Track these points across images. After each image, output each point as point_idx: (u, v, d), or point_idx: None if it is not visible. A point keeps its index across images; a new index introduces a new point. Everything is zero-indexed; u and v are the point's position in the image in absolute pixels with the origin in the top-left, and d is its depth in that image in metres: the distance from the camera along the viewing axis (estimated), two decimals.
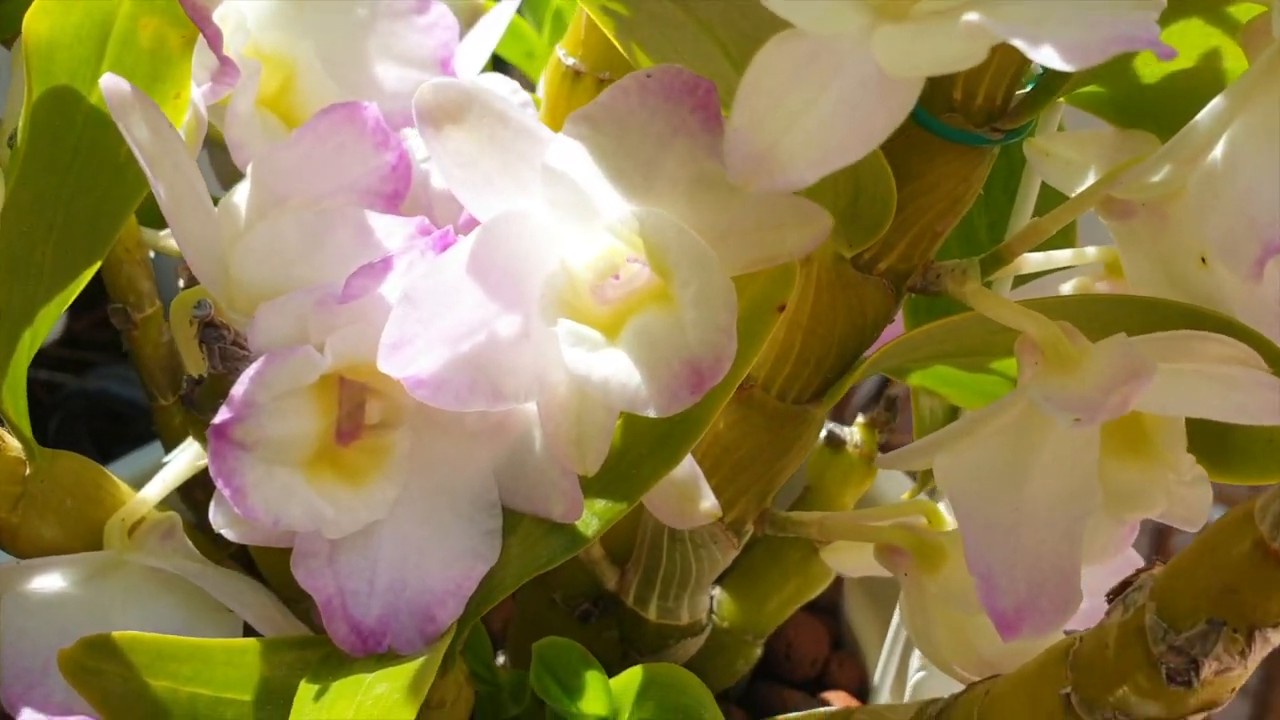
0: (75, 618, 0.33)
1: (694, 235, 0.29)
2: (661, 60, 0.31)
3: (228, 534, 0.31)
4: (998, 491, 0.30)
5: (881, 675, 0.49)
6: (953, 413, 0.42)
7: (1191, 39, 0.33)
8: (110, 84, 0.30)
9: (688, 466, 0.35)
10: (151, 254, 0.41)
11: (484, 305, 0.30)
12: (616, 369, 0.29)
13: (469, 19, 0.56)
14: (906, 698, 0.46)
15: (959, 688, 0.37)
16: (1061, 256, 0.36)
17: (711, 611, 0.44)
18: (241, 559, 0.42)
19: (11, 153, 0.32)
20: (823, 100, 0.23)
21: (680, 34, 0.30)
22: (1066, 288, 0.36)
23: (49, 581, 0.33)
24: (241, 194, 0.34)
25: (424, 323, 0.29)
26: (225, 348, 0.31)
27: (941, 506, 0.40)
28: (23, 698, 0.31)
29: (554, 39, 0.60)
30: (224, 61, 0.33)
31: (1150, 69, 0.34)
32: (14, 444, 0.34)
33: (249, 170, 0.33)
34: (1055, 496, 0.29)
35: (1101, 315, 0.32)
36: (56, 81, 0.32)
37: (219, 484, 0.30)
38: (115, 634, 0.30)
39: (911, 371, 0.38)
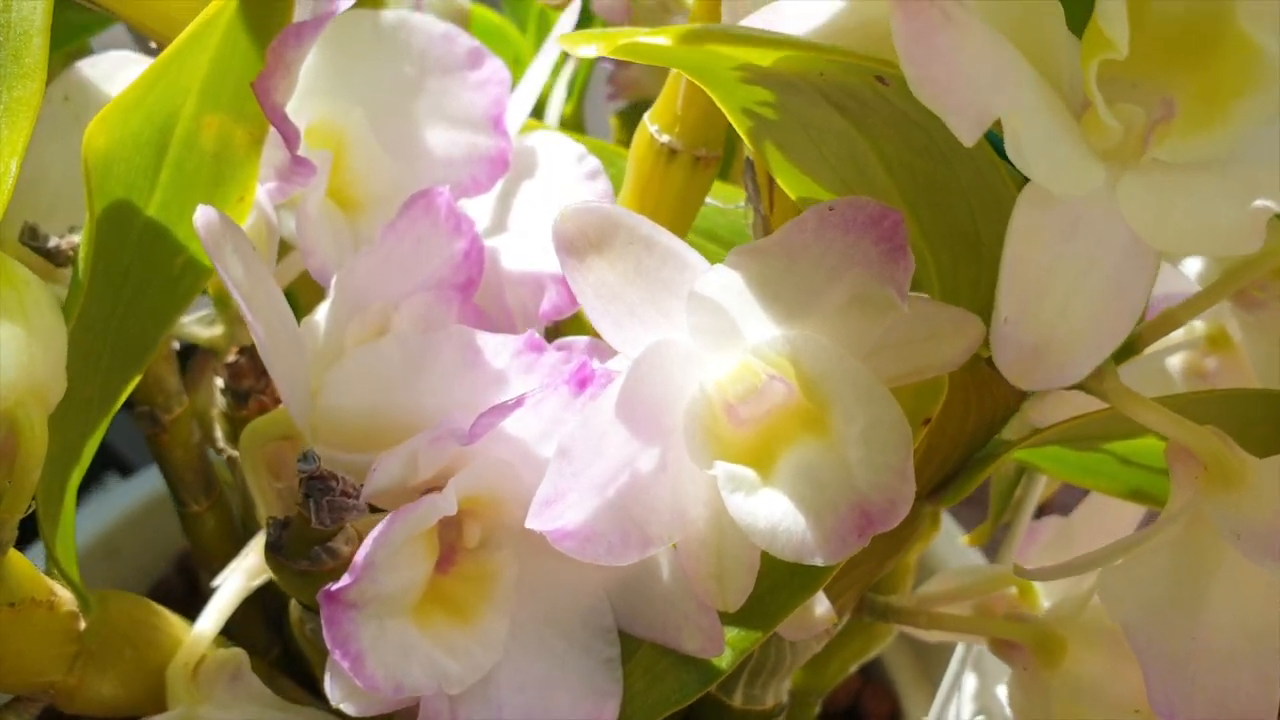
0: None
1: (857, 364, 0.27)
2: (800, 164, 0.29)
3: (347, 708, 0.28)
4: (1170, 619, 0.29)
5: (937, 716, 0.48)
6: (1020, 473, 0.41)
7: None
8: (203, 216, 0.26)
9: None
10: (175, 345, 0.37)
11: (628, 444, 0.27)
12: (781, 516, 0.27)
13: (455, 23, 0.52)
14: None
15: None
16: (1173, 335, 0.34)
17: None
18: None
19: (73, 284, 0.28)
20: (1090, 280, 0.21)
21: (834, 143, 0.27)
22: (1175, 363, 0.35)
23: None
24: (321, 312, 0.30)
25: (576, 475, 0.27)
26: (333, 500, 0.28)
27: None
28: None
29: (538, 40, 0.57)
30: (298, 162, 0.29)
31: None
32: (65, 597, 0.30)
33: (332, 284, 0.30)
34: (1238, 627, 0.28)
35: (1230, 412, 0.31)
36: (114, 197, 0.28)
37: (335, 654, 0.27)
38: None
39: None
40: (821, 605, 0.34)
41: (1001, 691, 0.46)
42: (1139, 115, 0.23)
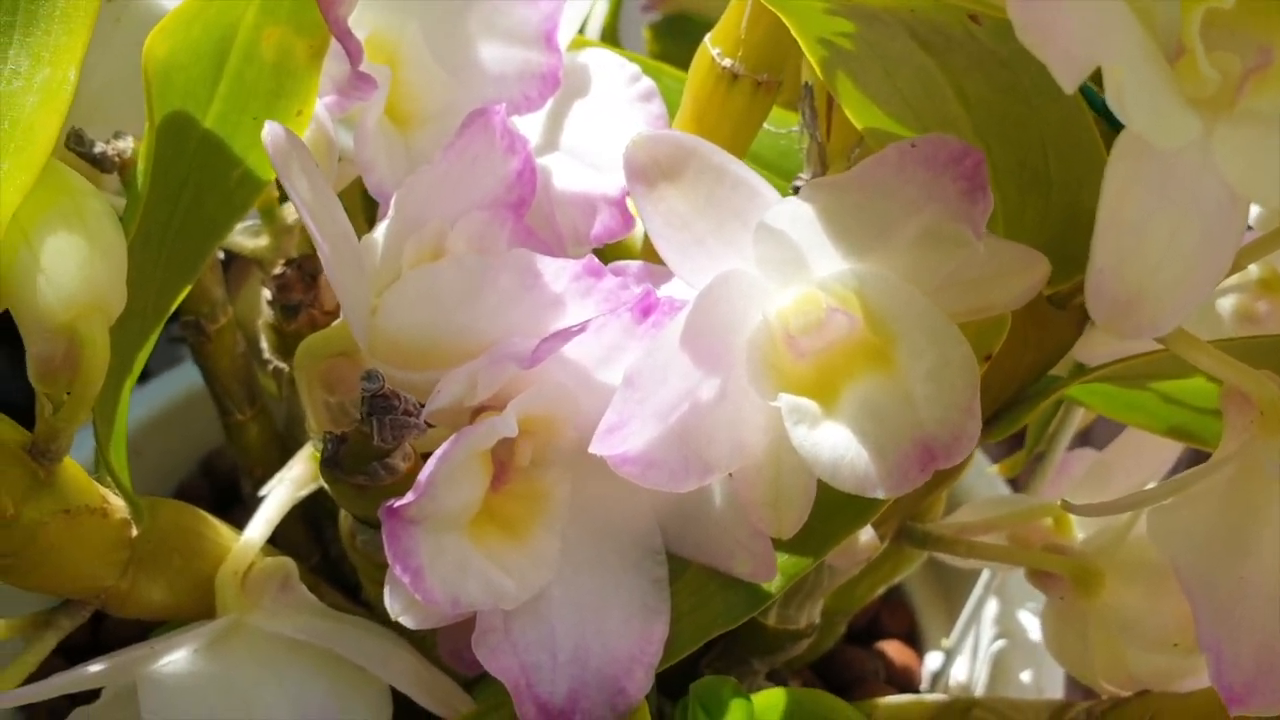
0: (214, 702, 0.30)
1: (925, 301, 0.27)
2: (872, 95, 0.28)
3: (405, 621, 0.28)
4: (1219, 559, 0.29)
5: (958, 639, 0.49)
6: (1057, 404, 0.41)
7: None
8: (271, 132, 0.25)
9: None
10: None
11: (691, 373, 0.27)
12: (845, 449, 0.27)
13: None
14: (983, 666, 0.47)
15: (1042, 662, 0.36)
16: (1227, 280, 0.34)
17: None
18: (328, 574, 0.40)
19: (130, 195, 0.27)
20: (1184, 232, 0.21)
21: (911, 76, 0.27)
22: (1226, 305, 0.35)
23: (180, 663, 0.30)
24: (380, 231, 0.30)
25: (641, 402, 0.27)
26: (396, 418, 0.28)
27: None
28: None
29: None
30: (359, 77, 0.28)
31: None
32: (118, 504, 0.31)
33: (391, 203, 0.29)
34: None
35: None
36: (172, 107, 0.28)
37: (396, 569, 0.28)
38: None
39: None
40: (866, 533, 0.34)
41: (1023, 616, 0.47)
42: (1235, 64, 0.22)
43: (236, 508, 0.53)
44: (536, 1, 0.35)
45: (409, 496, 0.27)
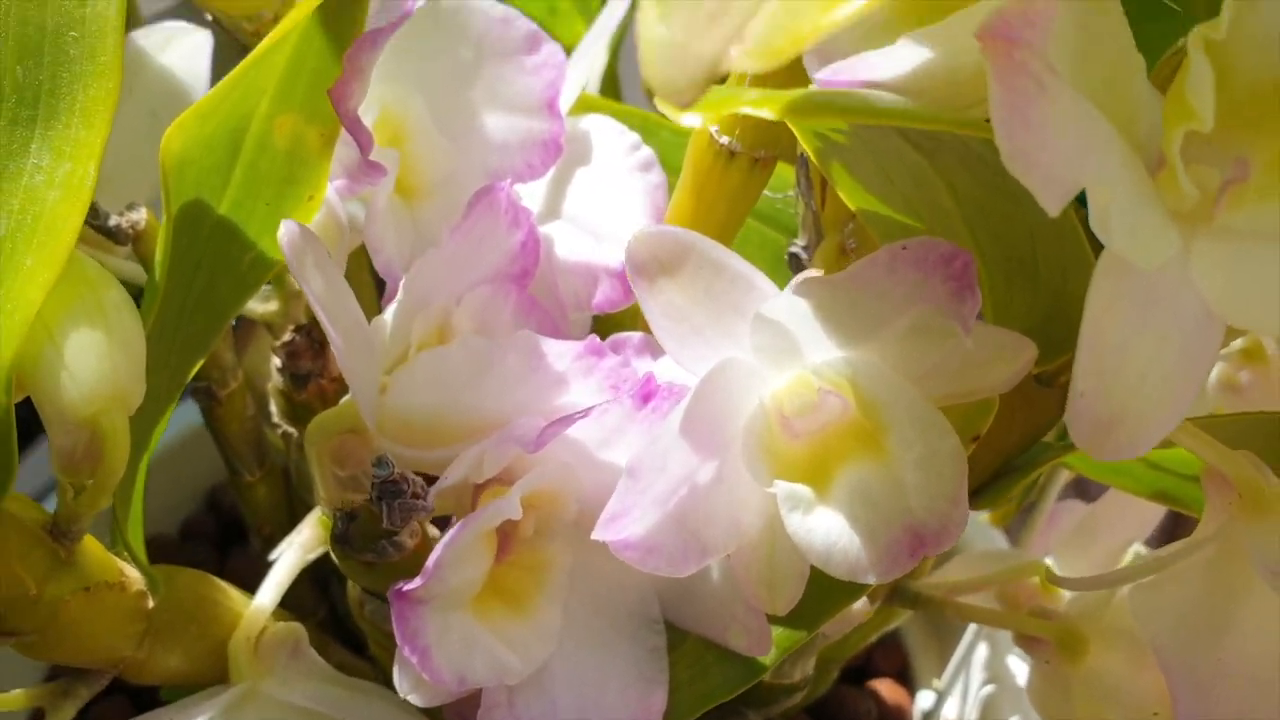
0: None
1: (915, 392, 0.28)
2: (866, 184, 0.29)
3: (414, 699, 0.29)
4: (1197, 639, 0.30)
5: (949, 680, 0.50)
6: None
7: None
8: (286, 231, 0.26)
9: None
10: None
11: (689, 459, 0.28)
12: (838, 536, 0.28)
13: None
14: (973, 709, 0.48)
15: (1030, 709, 0.37)
16: None
17: None
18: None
19: (148, 284, 0.28)
20: (1164, 352, 0.22)
21: (903, 171, 0.28)
22: (1210, 375, 0.36)
23: None
24: (389, 312, 0.31)
25: (642, 492, 0.28)
26: (404, 502, 0.29)
27: (1049, 560, 0.40)
28: None
29: None
30: (369, 165, 0.29)
31: None
32: (135, 576, 0.31)
33: (400, 286, 0.30)
34: (1265, 654, 0.29)
35: (1265, 435, 0.32)
36: (187, 197, 0.28)
37: (404, 649, 0.28)
38: None
39: None
40: (860, 601, 0.35)
41: (1012, 661, 0.48)
42: (1214, 178, 0.23)
43: (241, 544, 0.54)
44: (539, 70, 0.36)
45: (418, 581, 0.28)
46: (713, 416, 0.28)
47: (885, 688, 0.53)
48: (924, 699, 0.52)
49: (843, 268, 0.35)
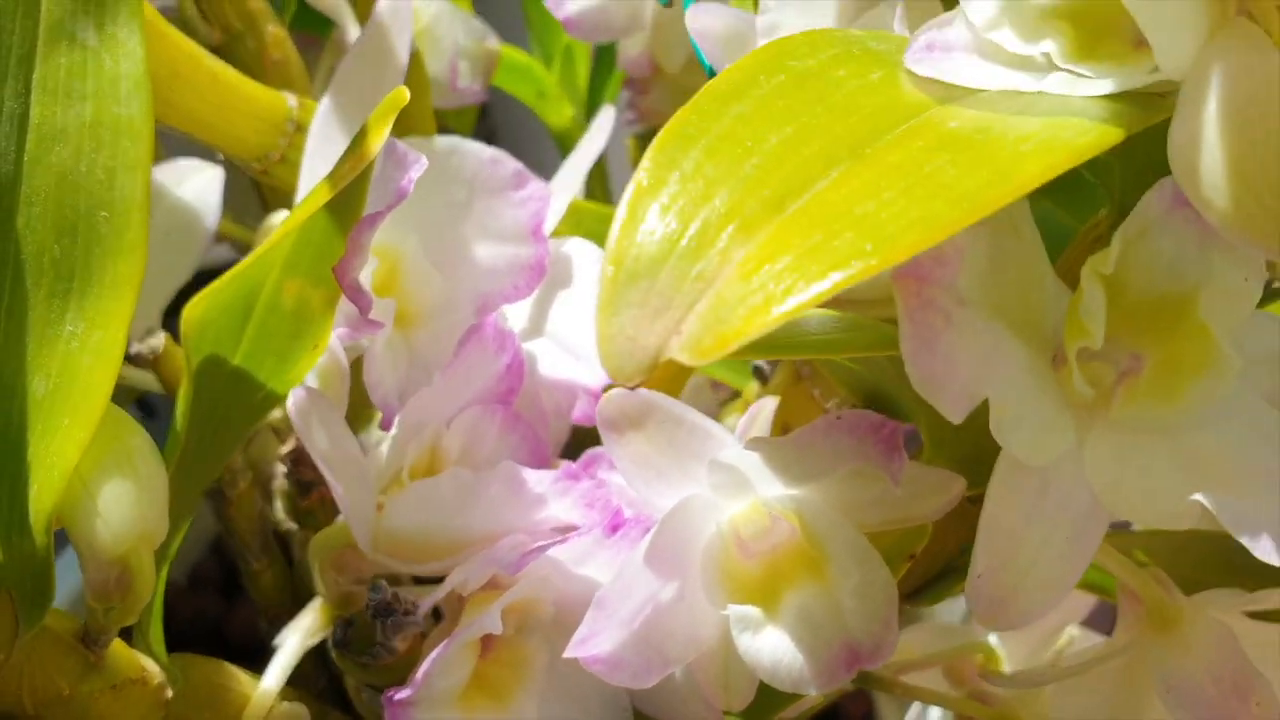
0: None
1: (853, 529, 0.31)
2: None
3: None
4: None
5: None
6: None
7: None
8: (294, 397, 0.30)
9: None
10: None
11: (653, 582, 0.32)
12: (782, 654, 0.31)
13: (485, 66, 0.55)
14: None
15: None
16: None
17: None
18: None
19: (171, 434, 0.32)
20: (1055, 537, 0.25)
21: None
22: None
23: None
24: (385, 443, 0.34)
25: (609, 618, 0.31)
26: (396, 619, 0.32)
27: (993, 641, 0.44)
28: None
29: (564, 76, 0.59)
30: (368, 323, 0.33)
31: None
32: (155, 670, 0.35)
33: (396, 420, 0.34)
34: None
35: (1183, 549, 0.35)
36: (205, 354, 0.32)
37: None
38: None
39: None
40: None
41: None
42: (1109, 374, 0.27)
43: (242, 593, 0.58)
44: (525, 203, 0.39)
45: (408, 691, 0.32)
46: (674, 545, 0.32)
47: None
48: None
49: (799, 386, 0.39)
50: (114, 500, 0.30)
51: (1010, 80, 0.24)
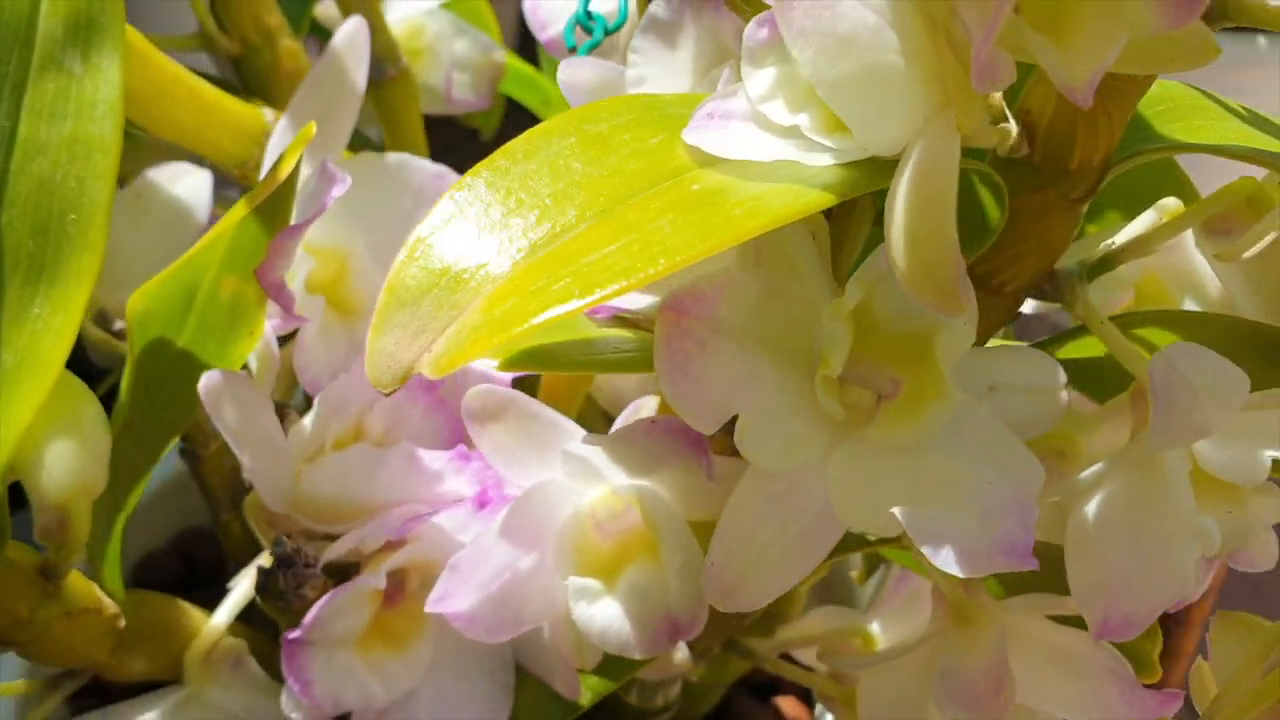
0: None
1: (681, 519, 0.36)
2: None
3: (296, 717, 0.39)
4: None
5: None
6: None
7: None
8: (204, 381, 0.36)
9: None
10: None
11: (510, 553, 0.37)
12: (611, 621, 0.36)
13: (490, 77, 0.61)
14: None
15: None
16: None
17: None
18: None
19: (117, 404, 0.38)
20: (784, 538, 0.30)
21: None
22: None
23: None
24: (308, 419, 0.40)
25: (463, 580, 0.37)
26: (298, 570, 0.38)
27: (874, 627, 0.48)
28: None
29: None
30: (294, 318, 0.38)
31: None
32: (109, 603, 0.41)
33: (318, 398, 0.40)
34: None
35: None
36: (150, 338, 0.38)
37: (289, 681, 0.38)
38: None
39: None
40: (681, 653, 0.44)
41: None
42: (868, 398, 0.31)
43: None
44: None
45: (298, 631, 0.38)
46: (531, 522, 0.37)
47: (788, 704, 0.61)
48: (825, 717, 0.60)
49: None
50: (58, 456, 0.36)
51: (767, 149, 0.28)
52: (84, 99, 0.37)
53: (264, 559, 0.45)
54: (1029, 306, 0.45)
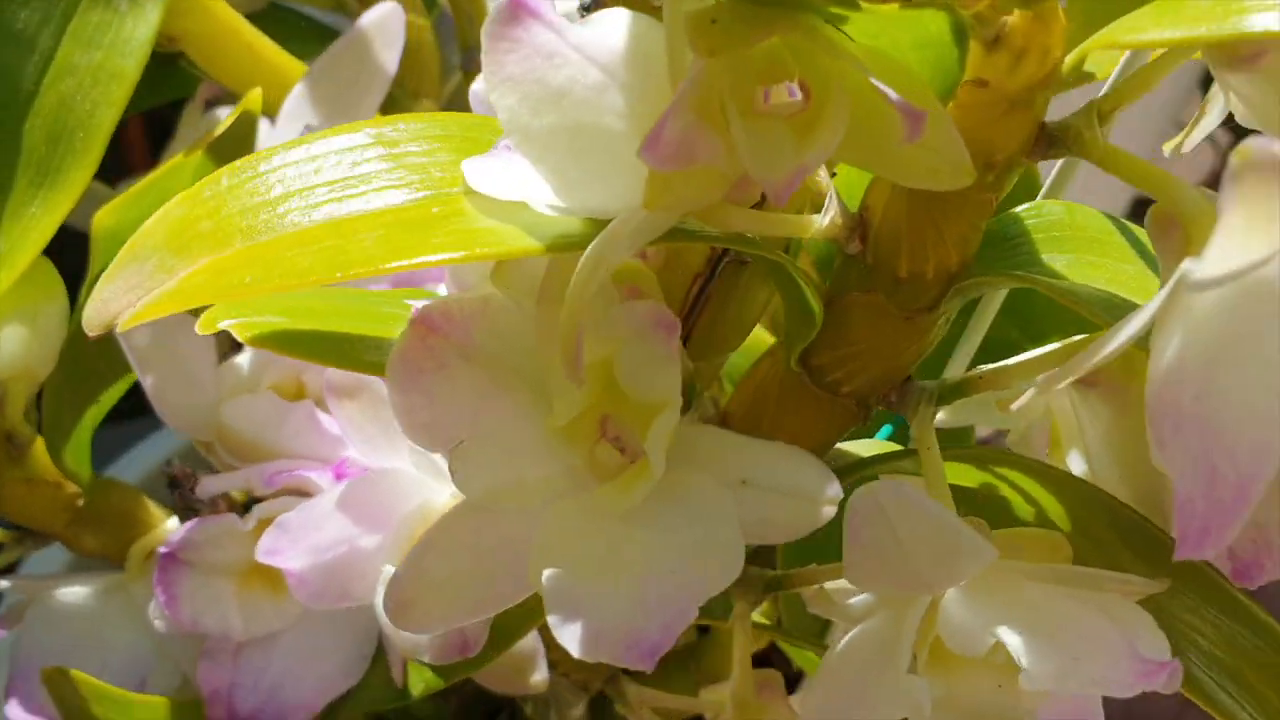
0: (77, 634, 0.45)
1: None
2: None
3: (156, 624, 0.42)
4: None
5: None
6: None
7: None
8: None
9: (530, 642, 0.43)
10: None
11: (350, 528, 0.39)
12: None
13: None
14: None
15: None
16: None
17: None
18: None
19: (74, 312, 0.43)
20: (473, 573, 0.30)
21: None
22: None
23: (68, 596, 0.46)
24: (244, 357, 0.44)
25: (293, 541, 0.39)
26: (184, 493, 0.42)
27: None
28: (17, 690, 0.44)
29: None
30: None
31: None
32: (70, 485, 0.46)
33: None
34: None
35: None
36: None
37: (156, 589, 0.41)
38: (74, 671, 0.42)
39: None
40: (539, 674, 0.44)
41: None
42: (615, 456, 0.31)
43: None
44: None
45: (169, 546, 0.41)
46: (376, 503, 0.39)
47: None
48: None
49: None
50: (10, 337, 0.41)
51: (509, 190, 0.28)
52: (120, 34, 0.42)
53: None
54: None
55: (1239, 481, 0.22)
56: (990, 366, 0.33)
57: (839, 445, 0.36)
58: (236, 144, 0.41)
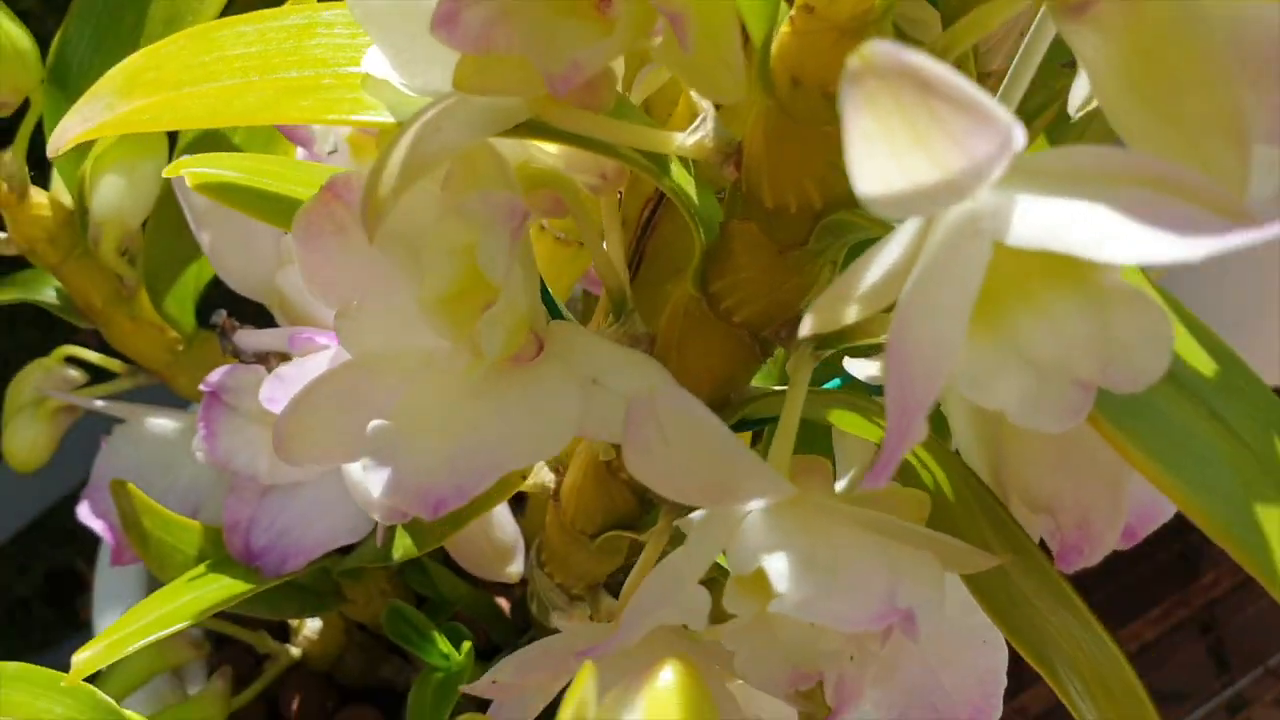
0: (152, 457, 0.51)
1: None
2: None
3: (198, 455, 0.47)
4: None
5: None
6: None
7: None
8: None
9: (510, 533, 0.46)
10: None
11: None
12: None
13: None
14: None
15: None
16: None
17: None
18: None
19: None
20: (336, 423, 0.33)
21: None
22: None
23: (153, 425, 0.52)
24: None
25: (286, 390, 0.42)
26: (226, 342, 0.47)
27: None
28: (90, 495, 0.51)
29: None
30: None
31: None
32: (170, 330, 0.53)
33: None
34: None
35: None
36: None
37: (200, 424, 0.47)
38: (131, 485, 0.48)
39: None
40: (515, 565, 0.46)
41: None
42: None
43: None
44: None
45: (210, 386, 0.46)
46: None
47: None
48: None
49: None
50: (108, 188, 0.47)
51: (379, 66, 0.30)
52: None
53: None
54: None
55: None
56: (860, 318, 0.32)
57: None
58: None
